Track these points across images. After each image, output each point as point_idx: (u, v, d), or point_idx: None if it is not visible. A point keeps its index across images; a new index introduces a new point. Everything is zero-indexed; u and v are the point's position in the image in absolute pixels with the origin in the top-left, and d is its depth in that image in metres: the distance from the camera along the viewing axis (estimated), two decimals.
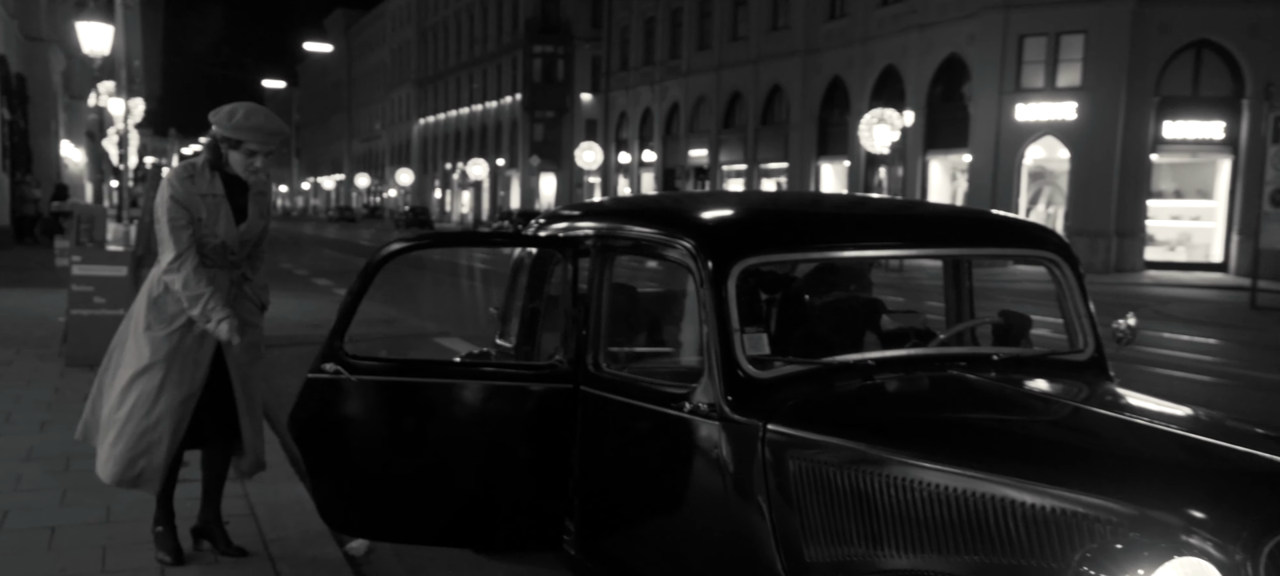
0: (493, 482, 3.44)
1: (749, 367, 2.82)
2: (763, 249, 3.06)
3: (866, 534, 2.48)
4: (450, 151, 67.50)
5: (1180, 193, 26.80)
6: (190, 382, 3.85)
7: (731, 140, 38.37)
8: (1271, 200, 16.60)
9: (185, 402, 3.86)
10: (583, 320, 3.33)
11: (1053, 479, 2.21)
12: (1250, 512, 1.97)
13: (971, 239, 3.44)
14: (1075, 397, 2.87)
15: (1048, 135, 26.64)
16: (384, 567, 4.41)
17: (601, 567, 3.33)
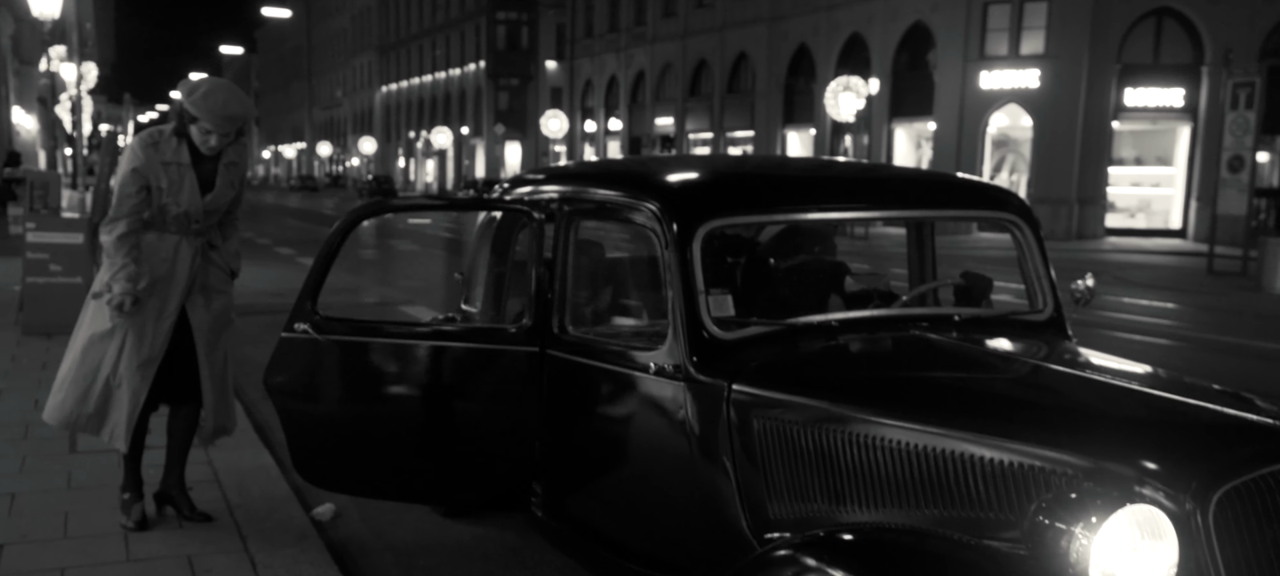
0: (458, 444, 3.46)
1: (714, 329, 2.84)
2: (727, 211, 3.07)
3: (829, 490, 2.52)
4: (414, 120, 66.76)
5: (1140, 160, 27.19)
6: (150, 347, 3.83)
7: (697, 108, 38.30)
8: (1229, 166, 16.89)
9: (145, 366, 3.83)
10: (548, 283, 3.34)
11: (1011, 433, 2.26)
12: (1200, 463, 2.02)
13: (934, 201, 3.48)
14: (1034, 356, 2.93)
15: (1011, 103, 26.89)
16: (350, 530, 4.42)
17: (569, 528, 3.36)
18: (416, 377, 3.51)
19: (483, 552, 4.15)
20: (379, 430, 3.51)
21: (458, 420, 3.45)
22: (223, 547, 3.95)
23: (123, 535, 4.03)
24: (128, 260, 3.74)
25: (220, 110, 3.72)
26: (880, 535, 2.19)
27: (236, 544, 3.99)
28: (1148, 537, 1.89)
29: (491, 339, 3.50)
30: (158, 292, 3.80)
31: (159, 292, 3.80)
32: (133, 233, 3.77)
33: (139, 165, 3.76)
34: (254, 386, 7.33)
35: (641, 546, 3.06)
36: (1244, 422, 2.17)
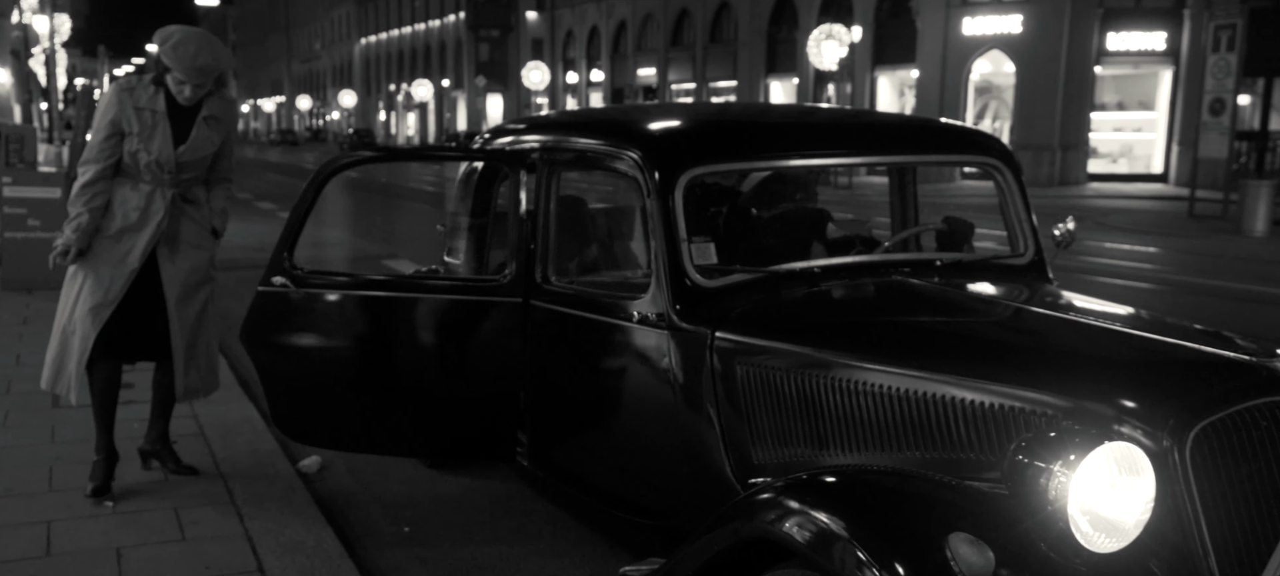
0: (442, 395, 3.46)
1: (697, 277, 2.85)
2: (709, 159, 3.06)
3: (812, 435, 2.55)
4: (394, 72, 65.96)
5: (1122, 104, 27.20)
6: (105, 292, 3.77)
7: (680, 59, 38.00)
8: (1210, 110, 16.92)
9: (97, 310, 3.77)
10: (531, 234, 3.33)
11: (990, 375, 2.28)
12: (1177, 400, 2.05)
13: (916, 146, 3.48)
14: (1015, 299, 2.95)
15: (994, 49, 26.78)
16: (337, 483, 4.44)
17: (555, 478, 3.38)
18: (398, 330, 3.49)
19: (470, 503, 4.18)
20: (359, 383, 3.50)
21: (440, 372, 3.45)
22: (210, 500, 3.96)
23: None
24: (83, 210, 3.71)
25: (190, 61, 3.66)
26: (861, 476, 2.21)
27: (223, 496, 4.00)
28: (1125, 474, 1.92)
29: (474, 290, 3.49)
30: (124, 240, 3.76)
31: (125, 240, 3.76)
32: (101, 179, 3.73)
33: (113, 111, 3.73)
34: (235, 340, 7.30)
35: (627, 493, 3.08)
36: (1221, 359, 2.20)
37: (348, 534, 3.84)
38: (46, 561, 3.40)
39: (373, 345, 3.53)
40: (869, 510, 1.98)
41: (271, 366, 3.53)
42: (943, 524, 1.86)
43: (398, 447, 3.71)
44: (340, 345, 3.53)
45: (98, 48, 14.30)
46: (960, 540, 1.80)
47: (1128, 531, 1.93)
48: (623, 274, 3.38)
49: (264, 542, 3.55)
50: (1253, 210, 14.93)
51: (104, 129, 3.72)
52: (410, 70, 62.32)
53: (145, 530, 3.66)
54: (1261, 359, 2.16)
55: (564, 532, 3.80)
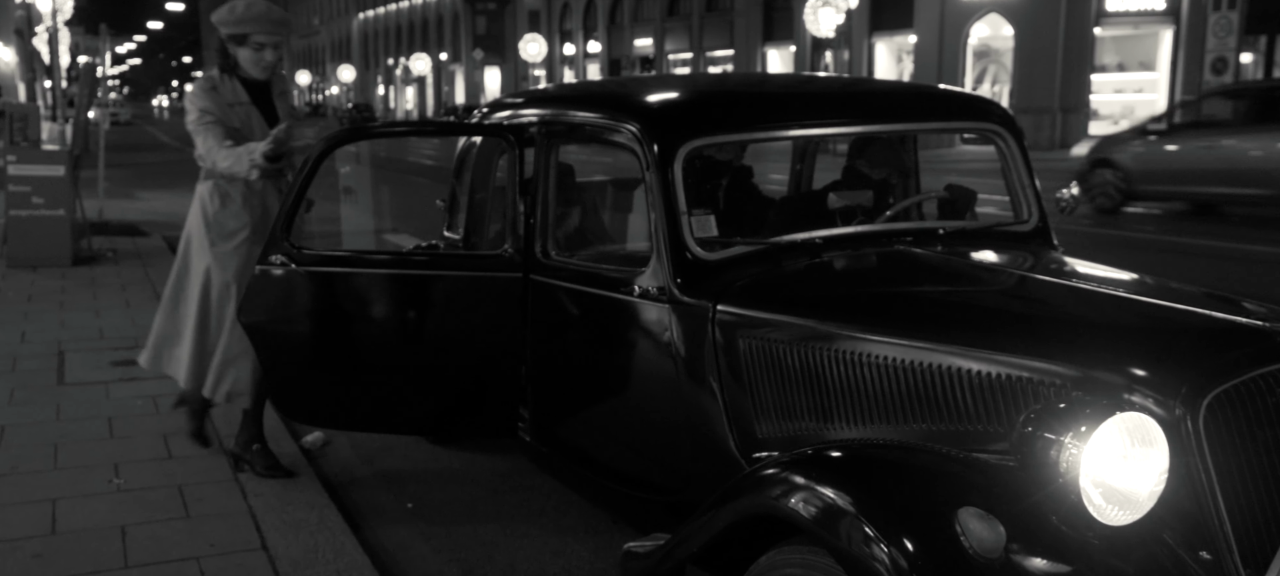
0: (444, 371, 3.45)
1: (697, 249, 2.82)
2: (708, 130, 3.03)
3: (816, 408, 2.53)
4: (392, 46, 65.56)
5: (1123, 66, 26.97)
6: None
7: (676, 28, 37.73)
8: (1212, 69, 16.84)
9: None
10: (531, 208, 3.30)
11: (997, 345, 2.26)
12: (1189, 368, 2.02)
13: (917, 114, 3.44)
14: (1020, 267, 2.92)
15: (992, 12, 26.54)
16: (340, 459, 4.44)
17: (557, 453, 3.38)
18: (398, 307, 3.47)
19: (472, 478, 4.18)
20: (360, 362, 3.48)
21: (441, 348, 3.43)
22: (214, 477, 3.96)
23: (112, 466, 4.04)
24: (235, 146, 3.64)
25: (267, 15, 3.66)
26: (868, 451, 2.19)
27: (227, 474, 4.01)
28: (1139, 445, 1.89)
29: (474, 266, 3.47)
30: (257, 237, 3.70)
31: (258, 236, 3.70)
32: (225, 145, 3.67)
33: (211, 111, 3.67)
34: None
35: (629, 468, 3.08)
36: (1232, 325, 2.17)
37: (351, 510, 3.85)
38: (51, 539, 3.41)
39: (372, 323, 3.51)
40: (876, 484, 1.96)
41: (270, 346, 3.49)
42: (952, 498, 1.84)
43: (399, 425, 3.71)
44: (340, 323, 3.51)
45: (100, 25, 14.13)
46: (970, 514, 1.78)
47: (1142, 503, 1.90)
48: (623, 247, 3.36)
49: (268, 520, 3.56)
50: None
51: (216, 129, 3.65)
52: (408, 44, 61.94)
53: (150, 507, 3.67)
54: (1274, 324, 2.13)
55: (567, 508, 3.81)
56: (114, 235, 10.24)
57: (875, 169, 3.55)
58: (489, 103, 3.99)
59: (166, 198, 15.40)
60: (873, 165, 3.55)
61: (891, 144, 3.59)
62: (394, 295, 3.46)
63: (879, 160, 3.55)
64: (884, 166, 3.56)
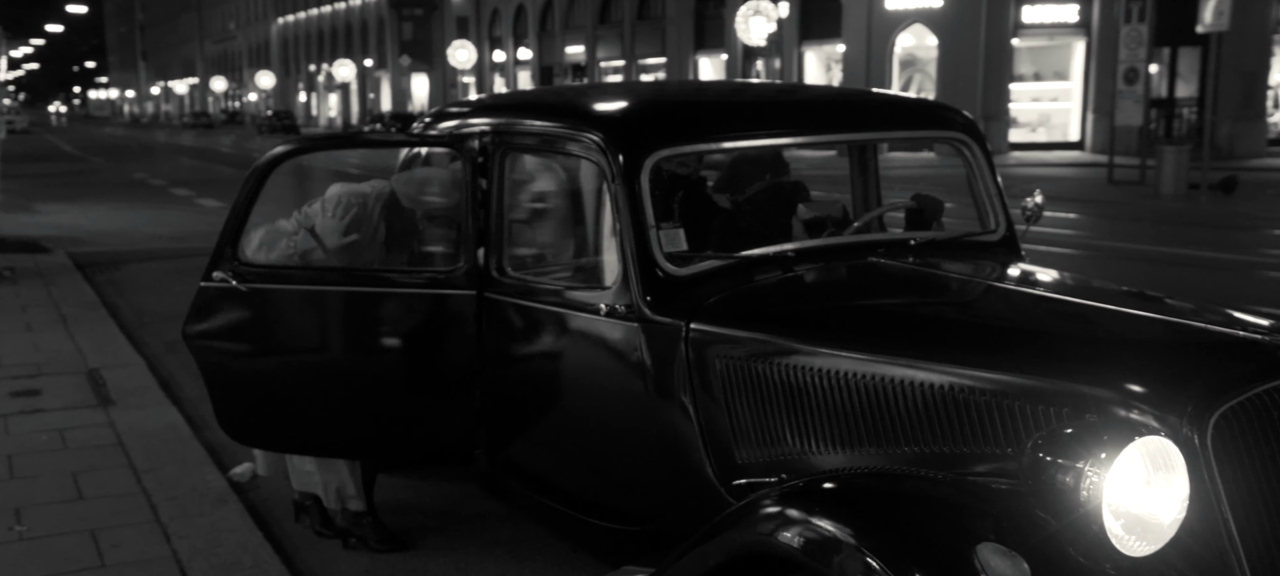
0: (394, 395, 3.24)
1: (667, 265, 2.67)
2: (674, 140, 2.88)
3: (800, 431, 2.39)
4: (314, 52, 64.19)
5: (1039, 75, 27.79)
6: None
7: (608, 36, 37.68)
8: (1125, 79, 17.30)
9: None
10: (483, 222, 3.10)
11: (991, 363, 2.15)
12: (1194, 384, 1.93)
13: (883, 122, 3.35)
14: (997, 279, 2.83)
15: (916, 23, 27.15)
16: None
17: (517, 481, 3.18)
18: (346, 326, 3.29)
19: (419, 507, 3.95)
20: (308, 384, 3.29)
21: (391, 369, 3.22)
22: (130, 520, 3.66)
23: (13, 511, 3.70)
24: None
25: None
26: (871, 481, 2.05)
27: (146, 514, 3.70)
28: (1160, 471, 1.78)
29: (424, 283, 3.26)
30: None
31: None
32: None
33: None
34: (156, 337, 6.92)
35: (599, 496, 2.90)
36: (1234, 340, 2.09)
37: (287, 547, 3.59)
38: None
39: (320, 342, 3.33)
40: (885, 517, 1.82)
41: (215, 366, 3.30)
42: (967, 532, 1.71)
43: (349, 450, 3.47)
44: (286, 342, 3.33)
45: None
46: (990, 551, 1.64)
47: (1164, 532, 1.80)
48: (585, 263, 3.17)
49: (195, 565, 3.29)
50: (1171, 174, 15.34)
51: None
52: (331, 50, 60.69)
53: (58, 558, 3.35)
54: (1275, 337, 2.06)
55: (524, 538, 3.60)
56: (12, 252, 9.65)
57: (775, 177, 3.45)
58: (431, 112, 3.78)
59: (71, 211, 14.68)
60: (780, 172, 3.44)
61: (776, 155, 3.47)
62: (342, 314, 3.27)
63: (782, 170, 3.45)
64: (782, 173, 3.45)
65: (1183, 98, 24.93)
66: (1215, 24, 14.61)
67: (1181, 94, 24.99)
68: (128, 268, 9.63)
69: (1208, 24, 14.70)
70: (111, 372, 5.60)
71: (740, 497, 2.46)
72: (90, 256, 10.03)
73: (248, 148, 37.00)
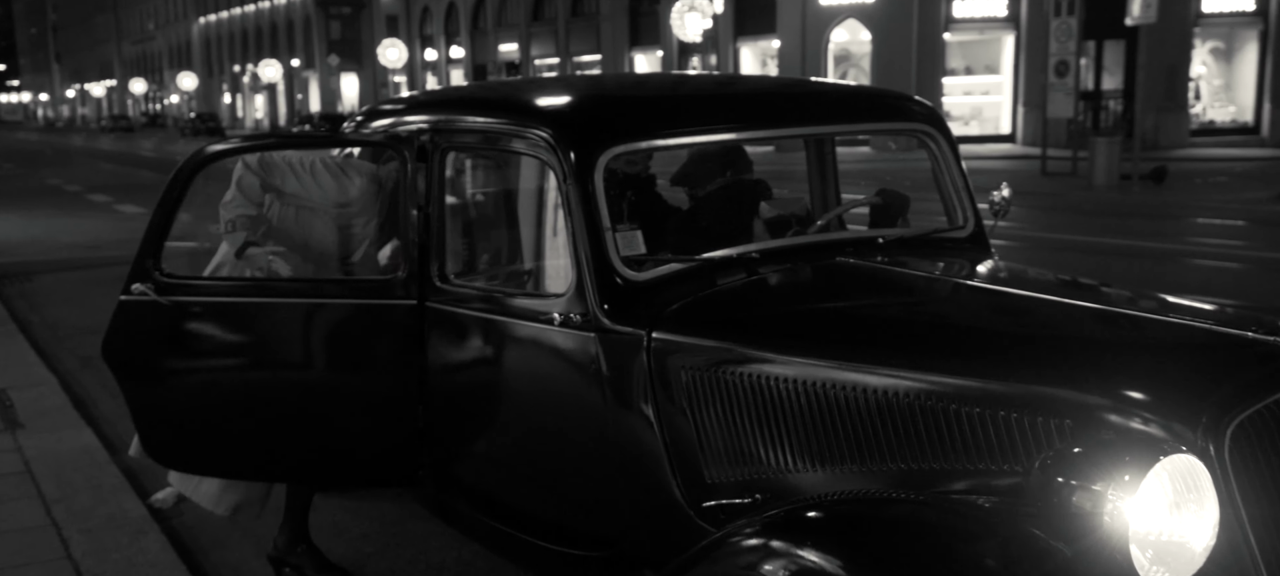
0: (329, 412, 3.01)
1: (625, 270, 2.47)
2: (629, 135, 2.68)
3: (775, 447, 2.21)
4: (238, 53, 62.53)
5: (970, 69, 28.22)
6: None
7: (542, 33, 37.32)
8: (1056, 72, 17.56)
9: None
10: (423, 226, 2.87)
11: (978, 370, 2.00)
12: (1207, 391, 1.79)
13: (847, 115, 3.20)
14: (977, 278, 2.69)
15: (850, 18, 27.37)
16: (199, 518, 3.87)
17: (464, 502, 2.95)
18: (276, 340, 3.05)
19: (358, 530, 3.70)
20: (237, 403, 3.05)
21: (326, 386, 2.99)
22: (39, 556, 3.35)
23: None
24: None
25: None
26: (858, 508, 1.87)
27: (56, 550, 3.40)
28: (1188, 492, 1.63)
29: (360, 292, 3.02)
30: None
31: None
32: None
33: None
34: (70, 353, 6.51)
35: (554, 519, 2.69)
36: (1243, 340, 1.95)
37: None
38: None
39: (248, 358, 3.08)
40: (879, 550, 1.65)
41: (138, 387, 3.08)
42: (972, 564, 1.54)
43: (283, 473, 3.22)
44: (212, 359, 3.09)
45: None
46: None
47: (1195, 559, 1.65)
48: (535, 268, 2.96)
49: None
50: (1103, 166, 15.60)
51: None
52: (256, 50, 59.17)
53: None
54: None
55: (471, 559, 3.38)
56: None
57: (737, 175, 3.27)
58: (363, 110, 3.54)
59: None
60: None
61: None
62: (272, 326, 3.03)
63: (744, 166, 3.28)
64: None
65: (1109, 89, 25.51)
66: (1143, 16, 14.88)
67: (1107, 86, 25.56)
68: (41, 279, 9.14)
69: (1136, 16, 14.96)
70: (20, 393, 5.23)
71: (711, 520, 2.28)
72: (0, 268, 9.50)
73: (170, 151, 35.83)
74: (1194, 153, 21.69)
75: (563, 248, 2.64)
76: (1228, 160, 20.31)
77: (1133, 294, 2.40)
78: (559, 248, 2.70)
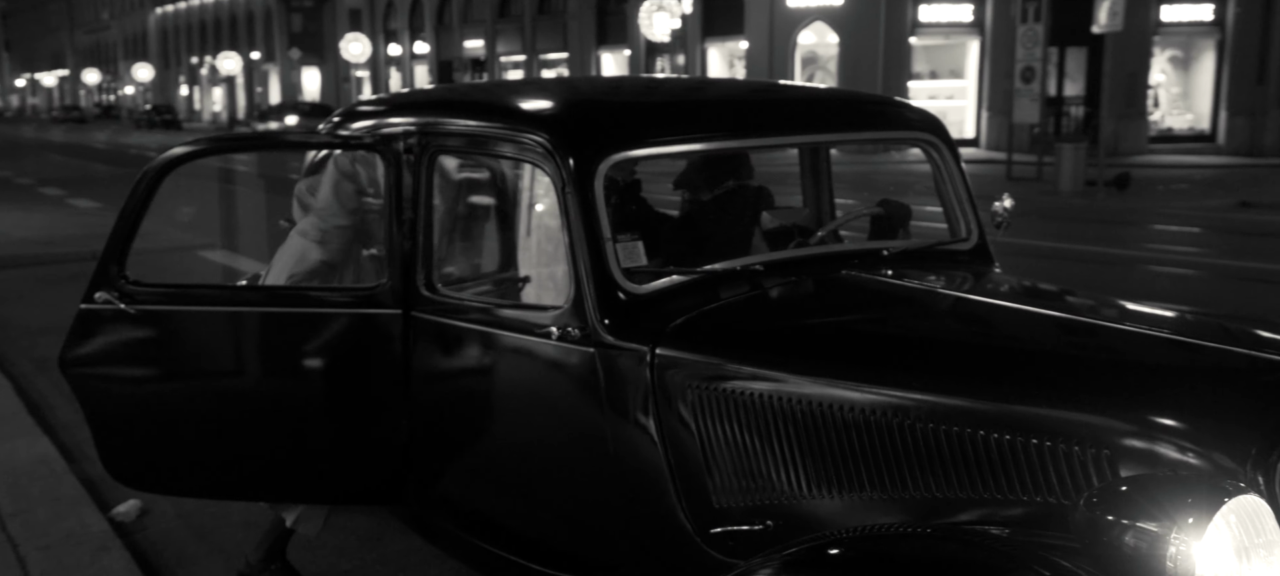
0: (311, 427, 2.87)
1: (626, 283, 2.36)
2: (632, 141, 2.57)
3: (787, 472, 2.11)
4: (196, 44, 61.41)
5: (935, 73, 28.48)
6: None
7: (508, 30, 37.05)
8: (1022, 77, 17.73)
9: None
10: (410, 233, 2.74)
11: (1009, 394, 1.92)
12: (1255, 420, 1.71)
13: (850, 122, 3.12)
14: (995, 294, 2.61)
15: (818, 20, 27.50)
16: (164, 532, 3.71)
17: (451, 522, 2.82)
18: (253, 352, 2.92)
19: (335, 546, 3.55)
20: (213, 417, 2.90)
21: (305, 401, 2.84)
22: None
23: None
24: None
25: None
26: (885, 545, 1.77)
27: (13, 569, 3.21)
28: (1256, 535, 1.55)
29: (342, 302, 2.88)
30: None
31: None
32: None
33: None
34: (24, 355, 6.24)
35: (550, 541, 2.58)
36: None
37: None
38: None
39: (223, 371, 2.94)
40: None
41: (99, 400, 2.92)
42: None
43: (257, 491, 3.09)
44: (182, 372, 2.93)
45: None
46: None
47: None
48: (529, 279, 2.84)
49: None
50: (1069, 171, 15.77)
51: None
52: (215, 42, 58.15)
53: None
54: None
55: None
56: None
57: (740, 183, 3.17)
58: (341, 111, 3.41)
59: None
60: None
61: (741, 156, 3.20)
62: (244, 338, 2.90)
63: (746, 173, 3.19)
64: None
65: (1071, 96, 25.86)
66: (1110, 24, 15.06)
67: (1069, 93, 25.90)
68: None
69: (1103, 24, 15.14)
70: None
71: (720, 547, 2.18)
72: None
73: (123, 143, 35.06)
74: (1153, 159, 22.03)
75: (559, 257, 2.52)
76: (1187, 167, 20.67)
77: (1160, 312, 2.32)
78: (555, 257, 2.59)
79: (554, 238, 2.60)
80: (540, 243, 2.78)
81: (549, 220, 2.66)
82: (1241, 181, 17.03)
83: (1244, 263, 9.58)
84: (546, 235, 2.73)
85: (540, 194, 2.74)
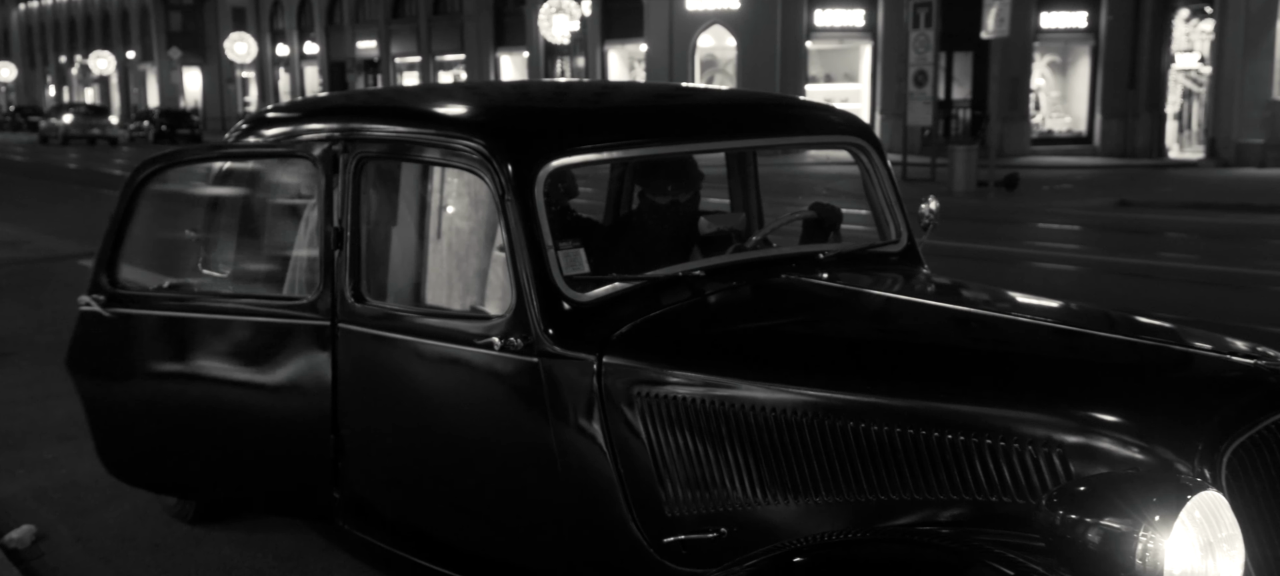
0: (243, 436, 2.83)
1: (569, 291, 2.31)
2: (570, 147, 2.53)
3: (740, 478, 2.10)
4: (65, 43, 58.33)
5: (830, 77, 29.12)
6: None
7: (402, 31, 36.31)
8: (915, 81, 18.29)
9: None
10: (335, 242, 2.63)
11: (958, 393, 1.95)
12: (1201, 417, 1.76)
13: (782, 127, 3.16)
14: (929, 295, 2.66)
15: (716, 24, 27.84)
16: (62, 559, 3.48)
17: (386, 538, 2.72)
18: (195, 357, 3.05)
19: (251, 566, 3.38)
20: (162, 418, 3.13)
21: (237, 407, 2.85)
22: None
23: None
24: None
25: None
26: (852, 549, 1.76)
27: None
28: (1217, 530, 1.59)
29: (270, 310, 2.77)
30: None
31: None
32: None
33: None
34: None
35: (493, 554, 2.52)
36: (1228, 364, 1.95)
37: None
38: None
39: (179, 372, 3.09)
40: None
41: (90, 397, 3.28)
42: None
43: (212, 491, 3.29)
44: (142, 374, 3.16)
45: None
46: None
47: None
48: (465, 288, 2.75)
49: None
50: (961, 172, 16.33)
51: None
52: (86, 41, 55.32)
53: None
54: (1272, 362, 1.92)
55: None
56: None
57: (680, 191, 3.16)
58: (247, 117, 3.30)
59: None
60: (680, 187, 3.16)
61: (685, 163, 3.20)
62: (195, 342, 3.03)
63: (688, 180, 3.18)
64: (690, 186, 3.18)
65: (958, 99, 26.82)
66: (997, 31, 15.65)
67: (957, 96, 26.86)
68: None
69: (991, 31, 15.72)
70: None
71: (673, 556, 2.16)
72: None
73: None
74: (1036, 161, 23.00)
75: (497, 266, 2.46)
76: (1068, 168, 21.65)
77: (1099, 313, 2.39)
78: (494, 267, 2.52)
79: (492, 246, 2.53)
80: (474, 251, 2.71)
81: (460, 222, 2.62)
82: (1119, 181, 17.94)
83: (1125, 259, 10.09)
84: (485, 243, 2.66)
85: (475, 201, 2.67)
